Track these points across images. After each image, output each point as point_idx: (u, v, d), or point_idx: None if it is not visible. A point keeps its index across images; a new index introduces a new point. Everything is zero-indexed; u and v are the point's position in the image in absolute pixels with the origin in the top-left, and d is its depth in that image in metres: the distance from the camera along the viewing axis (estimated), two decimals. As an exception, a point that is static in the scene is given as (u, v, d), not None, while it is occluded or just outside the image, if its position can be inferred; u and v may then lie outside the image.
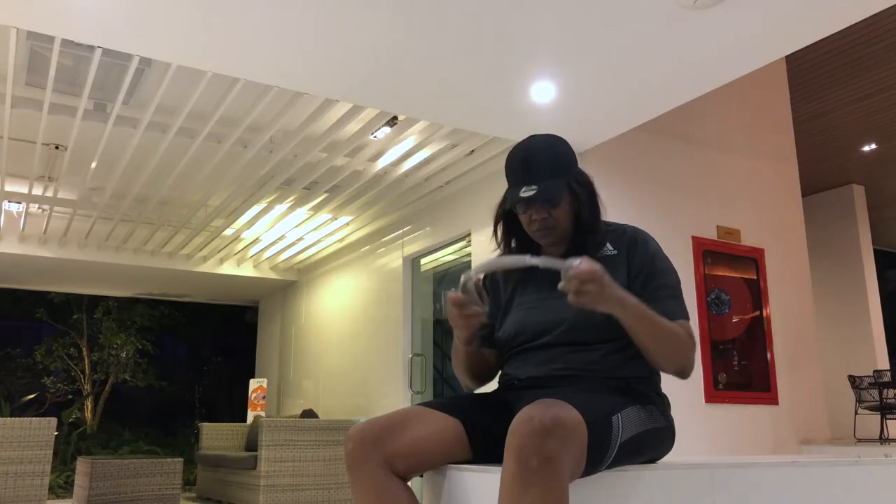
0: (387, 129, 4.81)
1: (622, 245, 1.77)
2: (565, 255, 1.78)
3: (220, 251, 7.93)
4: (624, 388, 1.67)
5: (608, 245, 1.78)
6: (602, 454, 1.47)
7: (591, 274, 1.50)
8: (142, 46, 3.46)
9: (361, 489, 1.59)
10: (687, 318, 1.71)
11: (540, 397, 1.45)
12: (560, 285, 1.53)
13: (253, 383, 8.31)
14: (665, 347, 1.64)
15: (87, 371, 11.21)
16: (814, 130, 7.09)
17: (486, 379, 1.91)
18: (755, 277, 5.20)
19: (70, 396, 11.12)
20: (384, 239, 6.84)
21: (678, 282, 1.76)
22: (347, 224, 6.98)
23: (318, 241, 7.56)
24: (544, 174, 1.73)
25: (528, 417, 1.35)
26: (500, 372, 1.89)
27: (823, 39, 3.77)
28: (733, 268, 5.11)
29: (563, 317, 1.72)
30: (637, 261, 1.75)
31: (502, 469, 1.37)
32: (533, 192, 1.69)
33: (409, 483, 1.66)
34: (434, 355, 6.24)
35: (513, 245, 1.89)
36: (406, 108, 4.20)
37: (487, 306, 1.72)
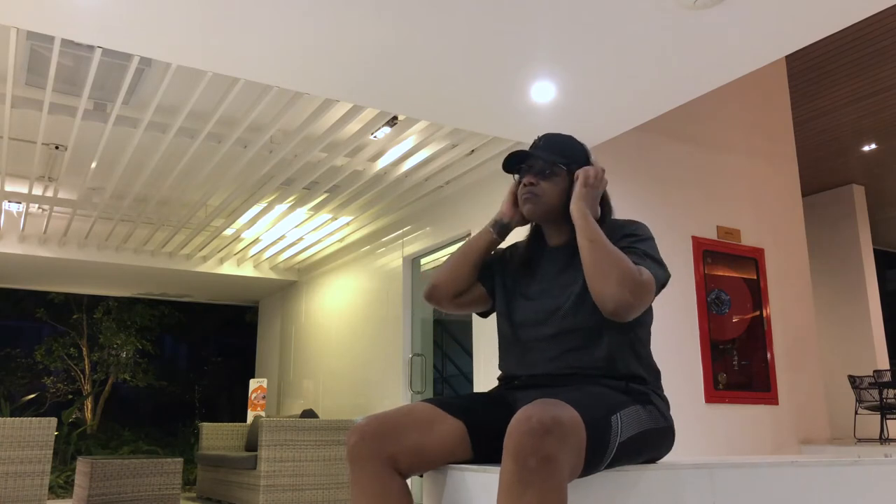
0: (387, 129, 4.81)
1: (611, 228, 1.80)
2: (567, 244, 1.81)
3: (220, 251, 7.94)
4: (624, 387, 1.67)
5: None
6: (601, 454, 1.47)
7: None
8: (142, 46, 3.46)
9: (360, 485, 1.59)
10: (656, 275, 1.67)
11: (540, 397, 1.45)
12: (583, 176, 1.79)
13: (253, 383, 8.31)
14: (604, 264, 1.62)
15: (87, 371, 11.21)
16: (814, 130, 7.09)
17: (454, 298, 1.93)
18: (755, 277, 5.20)
19: (70, 396, 11.12)
20: (384, 239, 6.84)
21: (657, 257, 1.73)
22: (347, 224, 6.98)
23: (318, 241, 7.56)
24: (550, 149, 1.86)
25: (527, 417, 1.35)
26: (500, 370, 1.90)
27: (823, 39, 3.78)
28: (733, 268, 5.11)
29: (561, 304, 1.74)
30: (617, 236, 1.76)
31: (501, 469, 1.37)
32: (527, 150, 1.86)
33: (409, 482, 1.66)
34: (434, 355, 6.24)
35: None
36: (406, 108, 4.20)
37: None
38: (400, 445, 1.60)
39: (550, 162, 1.83)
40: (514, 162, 1.88)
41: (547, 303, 1.77)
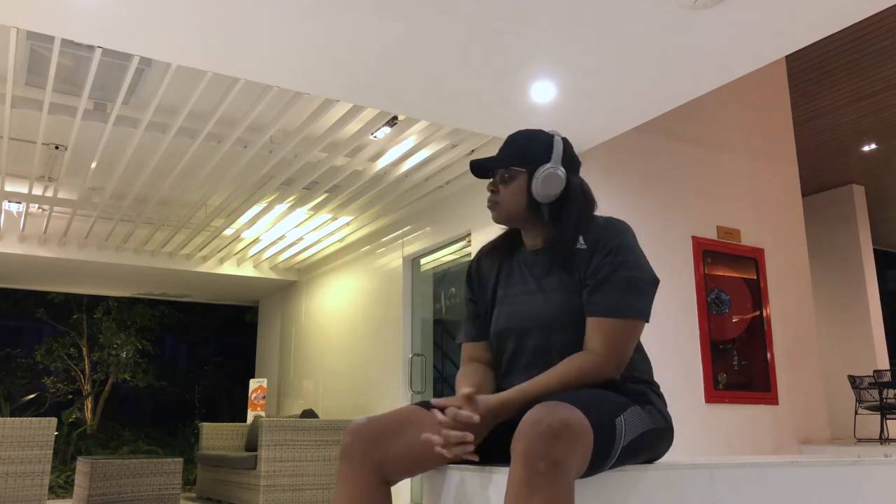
0: (387, 129, 4.81)
1: (593, 237, 1.73)
2: (542, 251, 1.80)
3: (220, 251, 7.93)
4: (624, 388, 1.67)
5: (580, 239, 1.74)
6: (605, 457, 1.46)
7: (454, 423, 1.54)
8: (142, 46, 3.46)
9: (345, 486, 1.60)
10: (630, 314, 1.63)
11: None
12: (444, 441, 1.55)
13: (253, 383, 8.31)
14: (572, 388, 1.60)
15: (87, 371, 11.21)
16: (814, 130, 7.09)
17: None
18: (755, 277, 5.20)
19: (70, 396, 11.13)
20: (384, 239, 6.84)
21: (641, 278, 1.67)
22: (347, 224, 6.98)
23: (318, 241, 7.56)
24: (507, 151, 1.83)
25: (537, 420, 1.35)
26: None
27: (823, 39, 3.78)
28: (733, 268, 5.11)
29: (546, 312, 1.72)
30: (598, 250, 1.70)
31: (509, 472, 1.36)
32: (480, 160, 1.83)
33: (409, 481, 1.67)
34: (434, 355, 6.24)
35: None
36: (406, 108, 4.20)
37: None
38: (393, 450, 1.60)
39: (506, 165, 1.80)
40: (486, 168, 1.84)
41: (531, 310, 1.75)
